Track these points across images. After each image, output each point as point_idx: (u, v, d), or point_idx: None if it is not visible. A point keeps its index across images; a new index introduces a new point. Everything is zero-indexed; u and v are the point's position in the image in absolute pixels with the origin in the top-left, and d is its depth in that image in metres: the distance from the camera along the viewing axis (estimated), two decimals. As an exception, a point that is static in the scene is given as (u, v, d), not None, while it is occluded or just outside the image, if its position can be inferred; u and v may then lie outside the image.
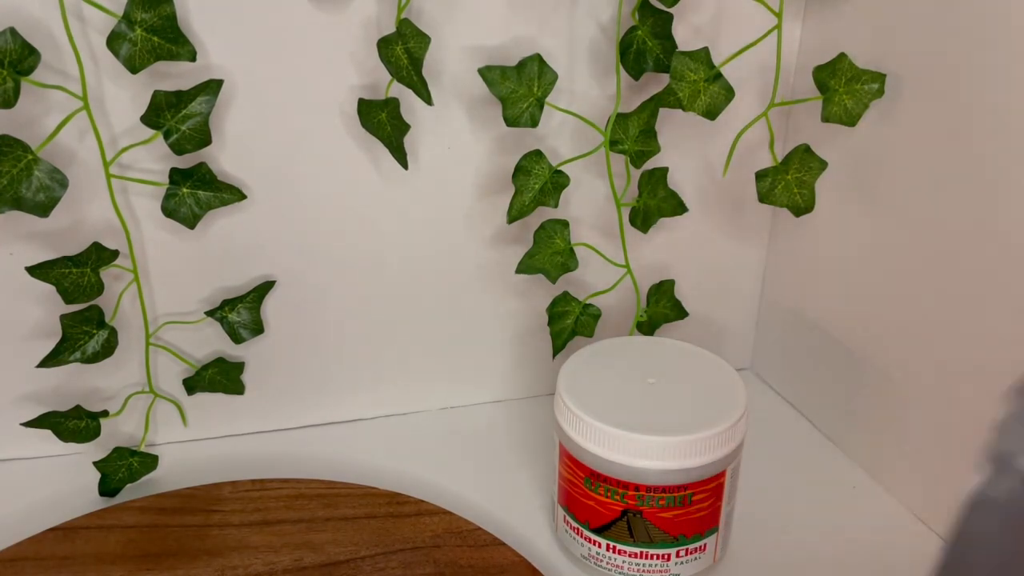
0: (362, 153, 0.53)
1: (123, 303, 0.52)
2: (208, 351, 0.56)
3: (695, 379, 0.46)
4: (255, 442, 0.58)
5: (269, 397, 0.58)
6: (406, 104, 0.52)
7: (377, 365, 0.59)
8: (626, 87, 0.54)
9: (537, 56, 0.49)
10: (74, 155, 0.48)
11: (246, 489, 0.51)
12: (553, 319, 0.56)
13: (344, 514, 0.50)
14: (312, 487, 0.51)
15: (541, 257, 0.54)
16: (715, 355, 0.48)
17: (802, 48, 0.56)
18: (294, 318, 0.56)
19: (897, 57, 0.49)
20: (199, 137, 0.46)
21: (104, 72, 0.47)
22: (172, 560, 0.47)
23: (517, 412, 0.62)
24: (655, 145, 0.52)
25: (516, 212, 0.51)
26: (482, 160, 0.55)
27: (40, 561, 0.47)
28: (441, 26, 0.50)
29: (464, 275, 0.58)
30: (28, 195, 0.44)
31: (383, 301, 0.57)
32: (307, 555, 0.47)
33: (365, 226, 0.55)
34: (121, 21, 0.43)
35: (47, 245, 0.50)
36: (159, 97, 0.45)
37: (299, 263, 0.55)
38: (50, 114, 0.47)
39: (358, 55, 0.50)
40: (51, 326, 0.52)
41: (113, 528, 0.49)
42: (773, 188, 0.52)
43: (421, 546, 0.47)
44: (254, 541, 0.48)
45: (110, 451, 0.53)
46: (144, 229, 0.51)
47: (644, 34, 0.50)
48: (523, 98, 0.49)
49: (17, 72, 0.42)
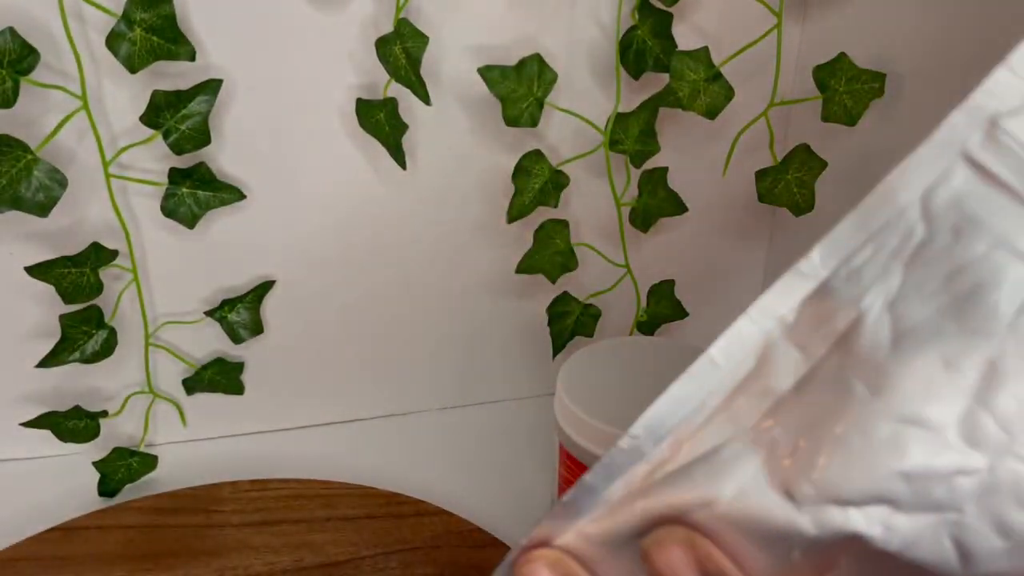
0: (361, 153, 0.53)
1: (122, 303, 0.52)
2: (208, 351, 0.56)
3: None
4: (255, 442, 0.58)
5: (269, 397, 0.58)
6: (405, 104, 0.52)
7: (376, 365, 0.59)
8: (626, 87, 0.54)
9: (537, 56, 0.49)
10: (73, 155, 0.48)
11: (246, 489, 0.51)
12: (553, 319, 0.56)
13: (344, 514, 0.50)
14: (312, 487, 0.51)
15: (541, 257, 0.54)
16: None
17: (802, 48, 0.56)
18: (293, 318, 0.56)
19: (897, 57, 0.49)
20: (198, 137, 0.46)
21: (103, 72, 0.47)
22: (172, 560, 0.47)
23: (517, 412, 0.62)
24: (655, 145, 0.52)
25: (516, 212, 0.51)
26: (481, 160, 0.55)
27: (39, 561, 0.46)
28: (440, 26, 0.50)
29: (464, 275, 0.58)
30: (27, 195, 0.44)
31: (382, 301, 0.57)
32: (307, 555, 0.47)
33: (364, 226, 0.55)
34: (120, 21, 0.43)
35: (46, 245, 0.50)
36: (158, 97, 0.45)
37: (298, 263, 0.55)
38: (49, 114, 0.47)
39: (357, 55, 0.50)
40: (50, 326, 0.52)
41: (112, 528, 0.49)
42: (773, 188, 0.52)
43: (421, 546, 0.47)
44: (254, 541, 0.48)
45: (109, 451, 0.53)
46: (143, 229, 0.51)
47: (644, 33, 0.50)
48: (523, 98, 0.49)
49: (16, 72, 0.42)
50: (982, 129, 0.23)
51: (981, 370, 0.22)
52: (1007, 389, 0.22)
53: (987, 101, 0.23)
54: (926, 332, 0.23)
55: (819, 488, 0.23)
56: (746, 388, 0.24)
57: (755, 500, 0.23)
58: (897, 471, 0.22)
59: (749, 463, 0.24)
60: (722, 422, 0.24)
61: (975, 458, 0.22)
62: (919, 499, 0.22)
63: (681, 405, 0.25)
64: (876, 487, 0.22)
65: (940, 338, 0.23)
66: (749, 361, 0.24)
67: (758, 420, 0.24)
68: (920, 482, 0.22)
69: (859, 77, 0.49)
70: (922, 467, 0.22)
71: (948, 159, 0.23)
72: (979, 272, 0.22)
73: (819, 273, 0.24)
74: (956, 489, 0.22)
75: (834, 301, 0.24)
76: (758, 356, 0.24)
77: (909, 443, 0.22)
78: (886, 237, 0.23)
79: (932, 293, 0.23)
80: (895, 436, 0.22)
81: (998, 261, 0.22)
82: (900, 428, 0.22)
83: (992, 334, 0.22)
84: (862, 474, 0.22)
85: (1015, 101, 0.22)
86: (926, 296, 0.23)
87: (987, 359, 0.22)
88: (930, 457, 0.22)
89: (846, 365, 0.23)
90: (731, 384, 0.25)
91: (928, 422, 0.22)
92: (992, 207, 0.23)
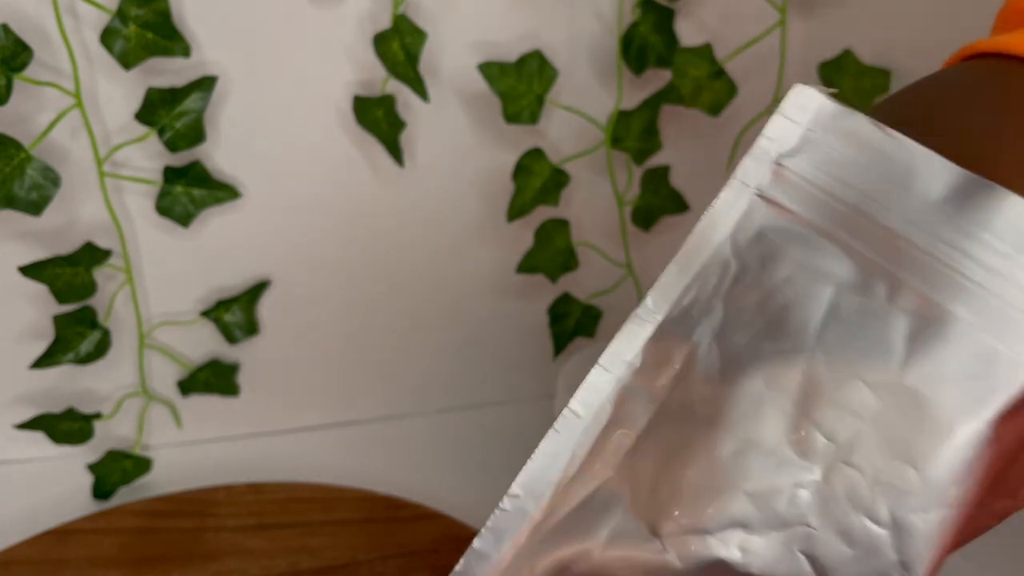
0: (359, 151, 0.52)
1: (117, 303, 0.52)
2: (203, 352, 0.55)
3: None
4: (250, 444, 0.58)
5: (265, 399, 0.58)
6: (404, 101, 0.51)
7: (374, 366, 0.59)
8: (627, 83, 0.54)
9: (537, 52, 0.48)
10: (67, 153, 0.48)
11: (241, 492, 0.51)
12: (554, 320, 0.56)
13: (341, 518, 0.49)
14: (308, 490, 0.51)
15: (541, 257, 0.53)
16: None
17: (807, 44, 0.56)
18: (290, 318, 0.56)
19: (903, 54, 0.48)
20: (193, 135, 0.46)
21: (97, 69, 0.47)
22: (167, 564, 0.47)
23: (517, 414, 0.62)
24: (657, 142, 0.52)
25: (516, 211, 0.51)
26: (481, 158, 0.54)
27: (33, 565, 0.46)
28: (439, 21, 0.50)
29: (463, 275, 0.58)
30: (21, 193, 0.44)
31: (380, 301, 0.57)
32: (304, 559, 0.47)
33: (362, 225, 0.55)
34: (115, 17, 0.43)
35: (40, 244, 0.50)
36: (153, 94, 0.45)
37: (294, 262, 0.54)
38: (43, 111, 0.47)
39: (354, 51, 0.50)
40: (44, 327, 0.52)
41: (107, 532, 0.48)
42: (777, 186, 0.51)
43: (419, 551, 0.47)
44: (250, 545, 0.48)
45: (104, 453, 0.53)
46: (138, 228, 0.51)
47: (646, 30, 0.50)
48: (523, 95, 0.49)
49: (9, 69, 0.42)
50: (770, 170, 0.26)
51: (799, 384, 0.24)
52: (824, 398, 0.24)
53: (770, 146, 0.26)
54: (748, 357, 0.25)
55: (678, 521, 0.24)
56: (608, 435, 0.26)
57: (626, 543, 0.25)
58: (743, 493, 0.24)
59: (617, 507, 0.25)
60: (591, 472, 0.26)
61: (810, 470, 0.24)
62: (767, 518, 0.24)
63: (554, 460, 0.26)
64: (727, 512, 0.24)
65: (761, 360, 0.25)
66: (607, 408, 0.26)
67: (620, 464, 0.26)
68: (765, 500, 0.24)
69: (865, 74, 0.48)
70: (764, 486, 0.24)
71: (747, 199, 0.26)
72: (786, 295, 0.25)
73: (655, 317, 0.26)
74: (798, 503, 0.24)
75: (670, 341, 0.26)
76: (614, 403, 0.26)
77: (750, 464, 0.24)
78: (707, 276, 0.26)
79: (749, 320, 0.25)
80: (736, 460, 0.24)
81: (800, 282, 0.25)
82: (740, 451, 0.24)
83: (803, 349, 0.24)
84: (713, 501, 0.24)
85: (792, 142, 0.26)
86: (744, 323, 0.25)
87: (803, 373, 0.24)
88: (769, 475, 0.24)
89: (687, 399, 0.25)
90: (595, 433, 0.26)
91: (763, 442, 0.24)
92: (789, 236, 0.25)
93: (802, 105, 0.26)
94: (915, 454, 0.23)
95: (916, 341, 0.24)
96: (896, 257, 0.24)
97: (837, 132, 0.25)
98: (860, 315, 0.24)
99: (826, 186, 0.25)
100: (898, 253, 0.24)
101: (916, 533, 0.23)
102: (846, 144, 0.25)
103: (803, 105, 0.26)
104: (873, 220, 0.25)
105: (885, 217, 0.25)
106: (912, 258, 0.24)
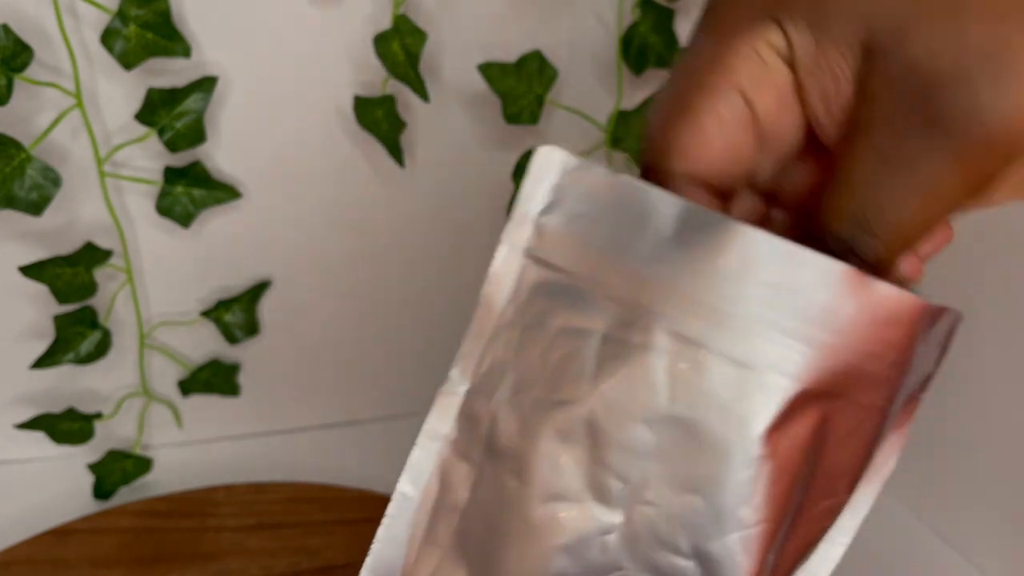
0: (359, 151, 0.52)
1: (117, 303, 0.52)
2: (203, 352, 0.55)
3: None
4: (251, 444, 0.58)
5: (265, 399, 0.58)
6: (404, 101, 0.51)
7: (374, 366, 0.59)
8: (628, 84, 0.54)
9: (537, 53, 0.48)
10: (67, 153, 0.48)
11: (242, 492, 0.51)
12: (553, 319, 0.56)
13: (342, 518, 0.49)
14: (309, 490, 0.51)
15: (541, 257, 0.53)
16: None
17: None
18: (290, 318, 0.56)
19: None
20: (194, 135, 0.46)
21: (98, 69, 0.47)
22: (167, 564, 0.46)
23: (517, 413, 0.62)
24: (657, 143, 0.52)
25: (516, 211, 0.51)
26: (481, 158, 0.54)
27: (33, 565, 0.46)
28: (439, 22, 0.50)
29: (463, 275, 0.58)
30: (21, 194, 0.44)
31: (381, 301, 0.57)
32: (304, 559, 0.47)
33: (362, 225, 0.55)
34: (115, 17, 0.43)
35: (40, 244, 0.50)
36: (153, 94, 0.45)
37: (295, 262, 0.54)
38: (43, 112, 0.46)
39: (354, 51, 0.50)
40: (44, 327, 0.52)
41: (107, 531, 0.48)
42: (776, 186, 0.51)
43: (420, 550, 0.47)
44: (251, 545, 0.48)
45: (104, 453, 0.53)
46: (138, 228, 0.51)
47: (646, 30, 0.50)
48: (523, 95, 0.49)
49: (10, 69, 0.42)
50: (531, 229, 0.27)
51: (585, 431, 0.25)
52: (611, 442, 0.24)
53: (527, 206, 0.27)
54: (540, 413, 0.25)
55: None
56: (438, 510, 0.27)
57: None
58: (558, 548, 0.25)
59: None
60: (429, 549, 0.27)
61: (612, 514, 0.24)
62: (584, 568, 0.25)
63: (395, 545, 0.27)
64: (546, 569, 0.25)
65: (550, 414, 0.25)
66: (433, 484, 0.27)
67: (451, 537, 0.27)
68: (578, 551, 0.24)
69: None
70: (575, 537, 0.24)
71: (518, 260, 0.27)
72: (562, 348, 0.25)
73: (459, 388, 0.27)
74: (608, 548, 0.24)
75: (476, 409, 0.27)
76: (439, 478, 0.27)
77: (559, 518, 0.25)
78: (497, 340, 0.27)
79: (536, 376, 0.26)
80: (547, 516, 0.25)
81: (570, 334, 0.25)
82: (549, 507, 0.25)
83: (583, 398, 0.25)
84: (531, 561, 0.25)
85: (545, 199, 0.27)
86: (532, 381, 0.26)
87: (586, 421, 0.25)
88: (578, 526, 0.24)
89: (497, 464, 0.26)
90: (427, 510, 0.27)
91: (567, 494, 0.25)
92: (556, 290, 0.26)
93: (548, 164, 0.27)
94: (698, 482, 0.24)
95: (674, 373, 0.24)
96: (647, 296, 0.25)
97: (579, 185, 0.26)
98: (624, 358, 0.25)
99: (580, 237, 0.26)
100: (647, 291, 0.25)
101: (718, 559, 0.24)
102: (588, 195, 0.26)
103: (548, 164, 0.27)
104: (621, 263, 0.25)
105: (630, 259, 0.25)
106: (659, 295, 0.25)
